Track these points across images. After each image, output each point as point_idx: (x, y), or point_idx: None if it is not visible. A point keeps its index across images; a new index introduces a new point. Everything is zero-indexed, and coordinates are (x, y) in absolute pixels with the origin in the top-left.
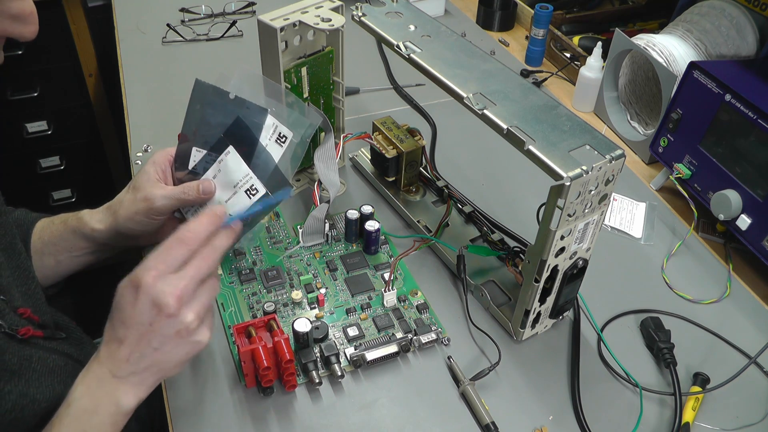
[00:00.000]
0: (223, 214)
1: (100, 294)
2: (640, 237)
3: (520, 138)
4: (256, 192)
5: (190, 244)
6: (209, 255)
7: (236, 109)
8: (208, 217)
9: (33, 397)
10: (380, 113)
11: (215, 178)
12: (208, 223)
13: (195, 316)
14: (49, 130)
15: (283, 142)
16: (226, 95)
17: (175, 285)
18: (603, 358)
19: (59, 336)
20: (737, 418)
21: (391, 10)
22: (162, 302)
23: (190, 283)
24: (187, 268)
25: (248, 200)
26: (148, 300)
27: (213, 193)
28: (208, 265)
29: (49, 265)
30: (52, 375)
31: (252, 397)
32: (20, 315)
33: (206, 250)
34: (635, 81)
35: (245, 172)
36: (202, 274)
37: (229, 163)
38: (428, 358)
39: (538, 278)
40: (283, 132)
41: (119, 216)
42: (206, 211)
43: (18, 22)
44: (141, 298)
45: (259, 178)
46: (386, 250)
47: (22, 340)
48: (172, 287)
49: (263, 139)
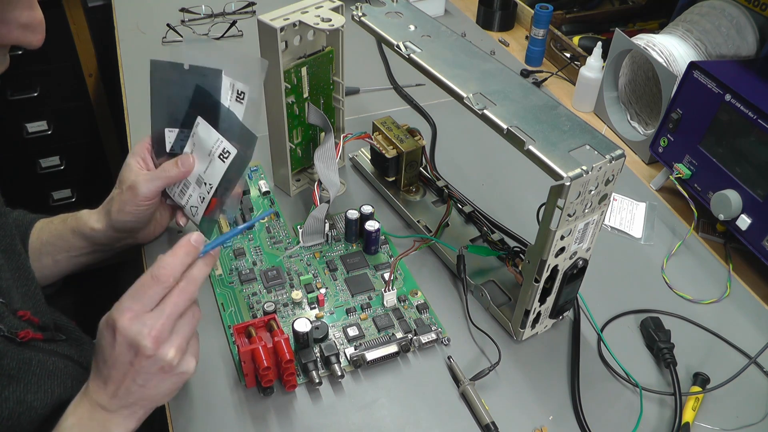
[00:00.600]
0: (199, 244)
1: (100, 294)
2: (640, 237)
3: (520, 138)
4: (228, 154)
5: (165, 281)
6: (186, 288)
7: (195, 78)
8: (184, 248)
9: (30, 404)
10: (380, 113)
11: (192, 152)
12: (183, 255)
13: (176, 350)
14: (49, 130)
15: (242, 98)
16: (182, 67)
17: (150, 325)
18: (603, 358)
19: (59, 338)
20: (737, 418)
21: (391, 10)
22: (139, 344)
23: (167, 321)
24: (163, 305)
25: (223, 164)
26: (125, 342)
27: (192, 166)
28: (185, 299)
29: (46, 265)
30: (51, 378)
31: (252, 397)
32: (20, 317)
33: (183, 283)
34: (635, 81)
35: (215, 137)
36: (180, 309)
37: (201, 134)
38: (428, 358)
39: (538, 278)
40: (239, 88)
41: (112, 212)
42: (181, 242)
43: (27, 30)
44: (118, 340)
45: (228, 140)
46: (386, 250)
47: (21, 343)
48: (147, 328)
49: (224, 100)
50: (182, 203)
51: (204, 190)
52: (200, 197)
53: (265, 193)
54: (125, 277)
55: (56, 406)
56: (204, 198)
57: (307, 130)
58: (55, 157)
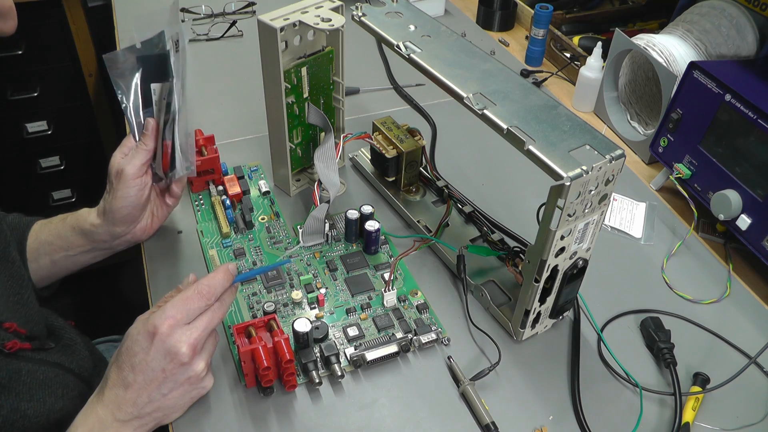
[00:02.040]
0: (234, 272)
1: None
2: (640, 237)
3: (520, 138)
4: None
5: (208, 298)
6: (220, 309)
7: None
8: (223, 273)
9: (24, 412)
10: (380, 113)
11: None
12: (223, 279)
13: (205, 364)
14: (49, 130)
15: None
16: (134, 48)
17: (189, 335)
18: (603, 358)
19: (48, 346)
20: (737, 418)
21: (391, 10)
22: (178, 352)
23: (203, 334)
24: (200, 319)
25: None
26: (163, 348)
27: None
28: (218, 319)
29: (44, 266)
30: (42, 387)
31: (252, 397)
32: (6, 329)
33: (218, 304)
34: (635, 81)
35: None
36: (213, 327)
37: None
38: (428, 358)
39: (538, 278)
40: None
41: (107, 202)
42: (221, 267)
43: None
44: (156, 346)
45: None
46: (386, 250)
47: (9, 354)
48: (186, 336)
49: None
50: (154, 166)
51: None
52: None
53: (265, 193)
54: (125, 277)
55: (49, 417)
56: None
57: (307, 130)
58: (55, 157)
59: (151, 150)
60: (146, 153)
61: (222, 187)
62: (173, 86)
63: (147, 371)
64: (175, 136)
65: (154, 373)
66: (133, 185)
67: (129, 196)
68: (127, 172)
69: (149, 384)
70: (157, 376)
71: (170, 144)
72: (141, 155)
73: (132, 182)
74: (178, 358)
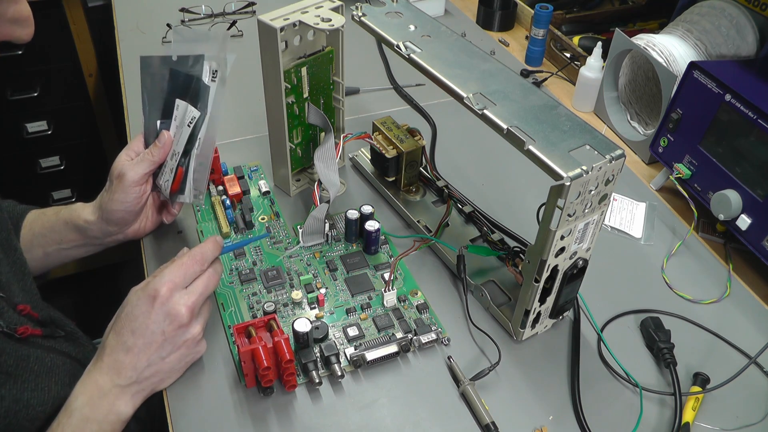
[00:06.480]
0: (221, 243)
1: (99, 294)
2: (640, 237)
3: (520, 138)
4: (193, 120)
5: (201, 263)
6: (213, 276)
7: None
8: (212, 242)
9: (27, 401)
10: (380, 113)
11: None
12: (213, 247)
13: (201, 328)
14: (49, 130)
15: (215, 77)
16: (170, 59)
17: (188, 298)
18: (603, 358)
19: (58, 334)
20: (737, 418)
21: (391, 10)
22: (178, 313)
23: (200, 298)
24: (196, 284)
25: (188, 129)
26: (163, 310)
27: (169, 141)
28: (213, 284)
29: (36, 257)
30: (49, 375)
31: (252, 397)
32: (19, 312)
33: (210, 270)
34: (635, 81)
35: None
36: (208, 292)
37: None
38: (428, 358)
39: (538, 278)
40: (213, 68)
41: (104, 201)
42: (210, 238)
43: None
44: (156, 308)
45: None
46: (386, 250)
47: (20, 339)
48: (185, 299)
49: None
50: (159, 183)
51: (174, 161)
52: (171, 169)
53: (265, 193)
54: (125, 277)
55: (53, 406)
56: (173, 169)
57: (307, 130)
58: (55, 157)
59: (157, 162)
60: (152, 164)
61: (222, 187)
62: (203, 118)
63: (147, 334)
64: (190, 166)
65: (153, 336)
66: (132, 192)
67: (126, 201)
68: (129, 177)
69: (149, 346)
70: (156, 338)
71: (184, 170)
72: (146, 165)
73: (131, 189)
74: (178, 319)
